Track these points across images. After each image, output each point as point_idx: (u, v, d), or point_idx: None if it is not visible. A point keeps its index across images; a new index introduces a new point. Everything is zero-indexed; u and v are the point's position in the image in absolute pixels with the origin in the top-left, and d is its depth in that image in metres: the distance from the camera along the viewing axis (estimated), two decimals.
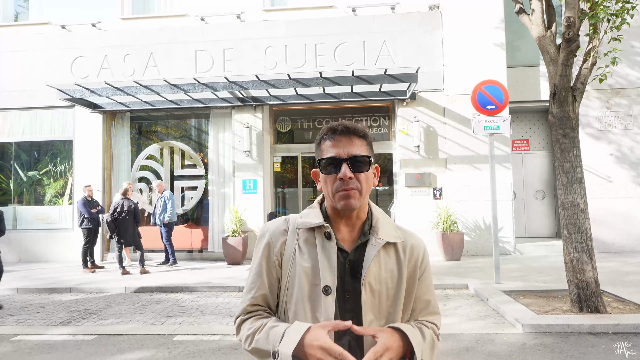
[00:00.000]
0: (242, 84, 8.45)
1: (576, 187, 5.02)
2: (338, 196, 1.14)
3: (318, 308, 1.12)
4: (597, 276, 4.92)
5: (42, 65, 10.09)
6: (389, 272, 1.19)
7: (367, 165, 1.17)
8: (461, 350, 4.17)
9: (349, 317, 1.13)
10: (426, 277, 1.26)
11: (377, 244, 1.18)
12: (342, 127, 1.19)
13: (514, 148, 10.45)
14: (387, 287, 1.18)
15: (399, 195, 9.55)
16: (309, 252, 1.17)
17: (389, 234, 1.22)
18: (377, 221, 1.23)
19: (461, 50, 9.27)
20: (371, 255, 1.16)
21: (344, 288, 1.15)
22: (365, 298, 1.14)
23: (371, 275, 1.15)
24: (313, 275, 1.14)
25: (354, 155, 1.15)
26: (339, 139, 1.17)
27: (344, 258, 1.17)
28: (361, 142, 1.19)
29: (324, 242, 1.16)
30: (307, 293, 1.13)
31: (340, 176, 1.12)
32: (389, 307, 1.17)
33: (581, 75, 5.18)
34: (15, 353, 4.40)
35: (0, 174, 10.69)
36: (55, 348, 4.52)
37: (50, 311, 6.02)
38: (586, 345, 4.17)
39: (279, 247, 1.20)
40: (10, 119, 10.38)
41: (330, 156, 1.15)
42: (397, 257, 1.21)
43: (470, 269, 7.74)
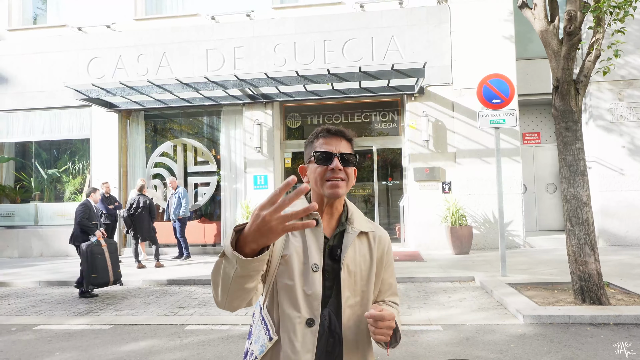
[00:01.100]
0: (252, 81, 8.62)
1: (579, 179, 5.04)
2: (328, 184, 1.32)
3: (307, 283, 1.28)
4: (599, 268, 4.95)
5: (61, 66, 10.44)
6: (363, 256, 1.38)
7: (353, 163, 1.37)
8: (461, 339, 4.28)
9: (329, 294, 1.32)
10: (390, 263, 1.47)
11: (354, 232, 1.37)
12: (335, 129, 1.39)
13: (525, 141, 10.40)
14: (361, 269, 1.37)
15: (408, 190, 9.63)
16: (300, 234, 1.34)
17: (363, 225, 1.41)
18: (352, 214, 1.42)
19: (470, 43, 9.26)
20: (349, 241, 1.35)
21: (323, 268, 1.33)
22: (344, 277, 1.32)
23: (349, 259, 1.34)
24: (303, 254, 1.32)
25: (344, 152, 1.35)
26: (332, 138, 1.37)
27: (325, 243, 1.35)
28: (348, 144, 1.39)
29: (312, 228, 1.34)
30: (298, 269, 1.30)
31: (332, 167, 1.31)
32: (363, 286, 1.36)
33: (584, 68, 5.19)
34: (37, 341, 4.68)
35: (22, 172, 11.13)
36: (74, 336, 4.78)
37: (70, 302, 6.32)
38: (585, 336, 4.23)
39: None
40: (31, 119, 10.78)
41: (325, 150, 1.34)
42: (369, 244, 1.41)
43: (478, 262, 7.80)
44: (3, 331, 5.03)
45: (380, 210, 10.17)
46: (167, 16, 10.46)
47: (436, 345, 4.14)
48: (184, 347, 4.34)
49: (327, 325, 1.30)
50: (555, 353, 3.86)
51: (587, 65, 5.19)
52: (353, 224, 1.39)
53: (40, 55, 10.58)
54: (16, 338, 4.77)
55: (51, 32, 10.78)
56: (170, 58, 10.06)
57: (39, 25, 11.13)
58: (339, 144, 1.36)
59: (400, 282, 6.78)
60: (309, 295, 1.27)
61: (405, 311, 5.32)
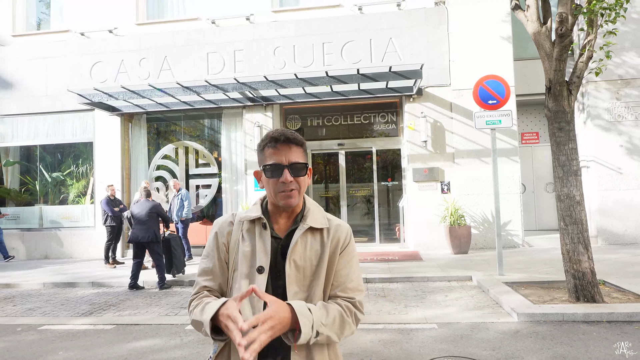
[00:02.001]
0: (252, 84, 8.74)
1: (572, 179, 5.11)
2: (280, 196, 1.35)
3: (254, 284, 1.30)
4: (593, 266, 5.02)
5: (64, 71, 10.60)
6: (314, 251, 1.39)
7: (304, 170, 1.38)
8: (455, 337, 4.36)
9: (281, 292, 1.34)
10: (346, 253, 1.42)
11: (302, 228, 1.39)
12: (283, 137, 1.36)
13: (524, 141, 10.46)
14: (311, 264, 1.38)
15: (407, 190, 9.71)
16: (250, 239, 1.40)
17: (317, 221, 1.42)
18: (308, 211, 1.43)
19: (467, 44, 9.34)
20: (296, 237, 1.37)
21: (276, 268, 1.36)
22: (290, 273, 1.34)
23: (296, 254, 1.36)
24: (252, 258, 1.37)
25: (294, 162, 1.35)
26: (280, 148, 1.35)
27: (278, 243, 1.39)
28: (299, 149, 1.37)
29: (261, 231, 1.40)
30: (246, 272, 1.36)
31: (282, 180, 1.33)
32: (312, 281, 1.37)
33: (577, 69, 5.26)
34: (41, 341, 4.79)
35: (27, 176, 11.30)
36: (77, 336, 4.89)
37: (74, 303, 6.44)
38: (578, 333, 4.30)
39: (226, 236, 1.43)
40: (35, 123, 10.94)
41: (273, 162, 1.34)
42: (321, 239, 1.41)
43: (476, 261, 7.86)
44: (9, 331, 5.15)
45: (380, 210, 10.25)
46: (168, 20, 10.59)
47: (430, 343, 4.22)
48: (184, 345, 4.45)
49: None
50: (547, 350, 3.93)
51: (579, 66, 5.26)
52: (306, 221, 1.40)
53: (44, 60, 10.74)
54: (21, 338, 4.89)
55: (54, 37, 10.94)
56: (171, 62, 10.19)
57: (42, 31, 11.29)
58: (288, 152, 1.35)
59: (399, 282, 6.86)
60: (254, 298, 1.32)
61: (402, 310, 5.40)
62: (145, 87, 9.19)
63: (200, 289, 1.41)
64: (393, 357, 3.94)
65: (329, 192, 10.67)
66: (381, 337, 4.45)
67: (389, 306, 5.60)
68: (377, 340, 4.38)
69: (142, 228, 7.05)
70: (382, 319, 5.08)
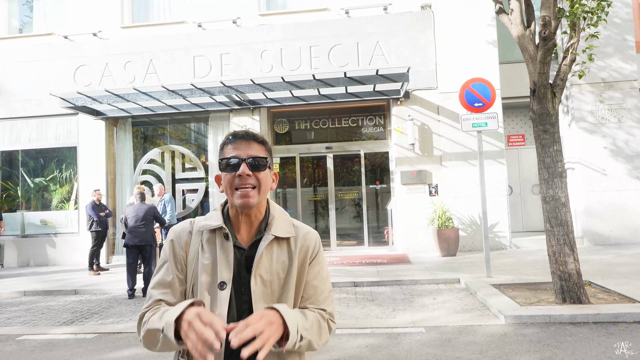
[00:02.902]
0: (238, 87, 8.67)
1: (557, 181, 5.14)
2: (237, 194, 1.24)
3: (215, 302, 1.22)
4: (579, 268, 5.04)
5: (47, 74, 10.41)
6: (281, 263, 1.29)
7: (265, 166, 1.28)
8: (443, 341, 4.33)
9: (246, 308, 1.24)
10: (316, 264, 1.34)
11: (267, 239, 1.28)
12: (243, 132, 1.30)
13: (510, 143, 10.54)
14: (279, 277, 1.28)
15: (395, 193, 9.70)
16: (210, 251, 1.27)
17: (282, 229, 1.31)
18: (273, 219, 1.33)
19: (454, 48, 9.40)
20: (261, 249, 1.26)
21: (240, 282, 1.25)
22: (255, 288, 1.24)
23: (262, 268, 1.26)
24: (212, 272, 1.25)
25: (253, 156, 1.26)
26: (239, 143, 1.27)
27: (241, 255, 1.28)
28: (260, 147, 1.30)
29: (222, 242, 1.27)
30: (207, 288, 1.24)
31: (239, 173, 1.23)
32: (280, 296, 1.27)
33: (561, 72, 5.30)
34: (20, 352, 4.65)
35: (8, 181, 11.05)
36: (57, 346, 4.75)
37: (55, 312, 6.27)
38: (564, 335, 4.30)
39: (184, 247, 1.30)
40: (17, 127, 10.72)
41: (231, 156, 1.26)
42: (289, 249, 1.31)
43: (464, 264, 7.87)
44: None
45: (368, 214, 10.23)
46: (154, 24, 10.49)
47: (418, 347, 4.19)
48: (168, 355, 4.34)
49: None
50: (534, 352, 3.92)
51: (563, 69, 5.30)
52: (271, 229, 1.30)
53: (27, 64, 10.54)
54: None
55: (38, 40, 10.75)
56: (157, 65, 10.07)
57: (25, 34, 11.09)
58: (248, 148, 1.27)
59: (387, 286, 6.83)
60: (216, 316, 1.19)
61: (390, 314, 5.37)
62: (130, 90, 9.06)
63: (154, 302, 1.27)
64: None
65: (317, 196, 10.63)
66: (368, 342, 4.40)
67: (377, 310, 5.56)
68: (365, 345, 4.33)
69: (140, 232, 6.91)
70: (369, 323, 5.04)
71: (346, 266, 8.19)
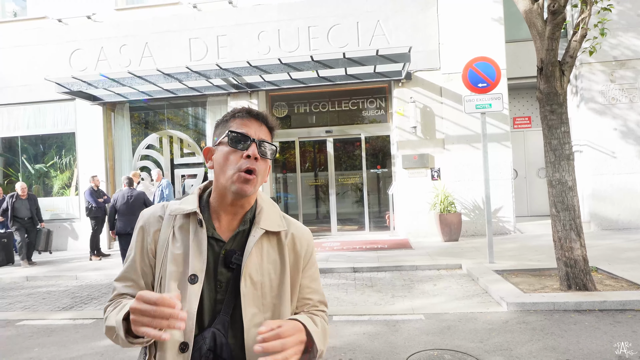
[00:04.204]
0: (234, 70, 8.45)
1: (564, 164, 4.92)
2: (237, 177, 1.08)
3: (184, 297, 1.06)
4: (585, 254, 4.86)
5: (42, 59, 10.23)
6: (272, 262, 1.15)
7: (272, 154, 1.16)
8: (442, 329, 4.20)
9: (220, 308, 1.10)
10: (311, 265, 1.23)
11: (257, 234, 1.14)
12: (256, 111, 1.16)
13: (516, 126, 10.26)
14: (270, 278, 1.14)
15: (397, 177, 9.51)
16: (182, 240, 1.13)
17: (273, 222, 1.18)
18: (261, 210, 1.19)
19: (458, 27, 9.06)
20: (250, 246, 1.12)
21: (215, 278, 1.11)
22: (246, 291, 1.09)
23: (252, 267, 1.11)
24: (183, 263, 1.10)
25: (264, 140, 1.13)
26: (251, 121, 1.14)
27: (219, 247, 1.13)
28: (268, 133, 1.17)
29: (197, 229, 1.13)
30: (175, 281, 1.09)
31: (249, 153, 1.08)
32: (273, 299, 1.13)
33: (570, 48, 5.03)
34: (18, 337, 4.61)
35: (10, 168, 10.99)
36: (55, 332, 4.71)
37: (56, 297, 6.25)
38: (569, 323, 4.15)
39: (153, 235, 1.15)
40: (15, 114, 10.59)
41: (243, 132, 1.11)
42: (279, 246, 1.18)
43: (467, 249, 7.71)
44: None
45: (369, 198, 10.06)
46: (149, 5, 10.21)
47: (417, 335, 4.06)
48: None
49: (210, 348, 1.05)
50: (537, 341, 3.77)
51: (572, 45, 5.03)
52: (259, 223, 1.15)
53: (21, 48, 10.35)
54: None
55: (31, 24, 10.53)
56: (152, 49, 9.84)
57: (19, 18, 10.87)
58: (259, 129, 1.13)
59: (387, 271, 6.70)
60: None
61: (389, 300, 5.24)
62: (124, 74, 8.86)
63: (117, 296, 1.15)
64: (377, 350, 3.77)
65: (318, 181, 10.45)
66: (366, 329, 4.28)
67: (376, 296, 5.43)
68: (362, 332, 4.21)
69: (129, 218, 6.81)
70: (368, 310, 4.92)
71: (346, 251, 8.06)
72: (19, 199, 8.55)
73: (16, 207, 8.50)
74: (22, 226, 8.55)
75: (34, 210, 8.73)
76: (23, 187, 8.64)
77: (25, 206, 8.60)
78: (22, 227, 8.54)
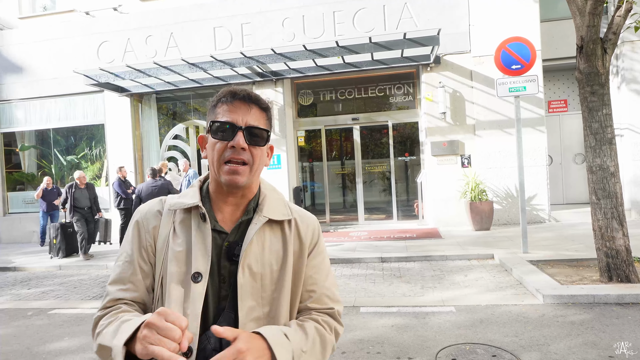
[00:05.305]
0: (259, 58, 8.36)
1: (606, 149, 4.63)
2: (225, 169, 1.02)
3: (187, 297, 0.99)
4: (628, 243, 4.58)
5: (71, 52, 10.43)
6: (274, 252, 1.07)
7: (264, 140, 1.06)
8: (474, 322, 4.05)
9: (224, 305, 1.02)
10: (317, 254, 1.14)
11: (259, 222, 1.06)
12: (243, 92, 1.05)
13: (551, 110, 9.80)
14: (272, 269, 1.06)
15: (425, 165, 9.28)
16: (184, 236, 1.05)
17: (277, 211, 1.10)
18: (265, 198, 1.11)
19: (489, 6, 8.66)
20: (251, 234, 1.04)
21: (219, 273, 1.03)
22: (243, 282, 1.01)
23: (251, 257, 1.03)
24: (186, 260, 1.03)
25: (253, 126, 1.03)
26: (237, 105, 1.04)
27: (222, 240, 1.05)
28: (261, 114, 1.06)
29: (199, 223, 1.05)
30: (178, 281, 1.01)
31: (233, 144, 1.00)
32: (273, 292, 1.05)
33: (613, 24, 4.69)
34: (49, 326, 4.73)
35: (43, 160, 11.34)
36: (84, 320, 4.81)
37: (86, 286, 6.41)
38: (611, 317, 3.92)
39: (151, 231, 1.07)
40: (47, 107, 10.89)
41: (226, 120, 1.02)
42: (283, 235, 1.10)
43: (499, 238, 7.46)
44: (19, 316, 5.12)
45: (397, 187, 9.87)
46: None
47: (447, 328, 3.92)
48: None
49: (215, 349, 0.97)
50: (576, 336, 3.58)
51: (616, 21, 4.68)
52: (262, 211, 1.07)
53: (51, 42, 10.59)
54: (30, 323, 4.84)
55: (60, 17, 10.75)
56: (177, 38, 9.87)
57: (48, 12, 11.10)
58: (247, 113, 1.03)
59: (416, 261, 6.56)
60: (188, 314, 0.98)
61: (418, 291, 5.11)
62: (150, 65, 8.92)
63: (111, 302, 1.03)
64: (406, 343, 3.67)
65: (344, 169, 10.33)
66: (395, 322, 4.18)
67: (405, 287, 5.31)
68: (390, 324, 4.11)
69: None
70: (396, 301, 4.81)
71: (373, 241, 7.94)
72: (78, 188, 8.26)
73: (76, 197, 8.21)
74: (83, 216, 8.29)
75: (92, 200, 8.49)
76: (82, 176, 8.36)
77: (85, 196, 8.33)
78: (82, 217, 8.27)
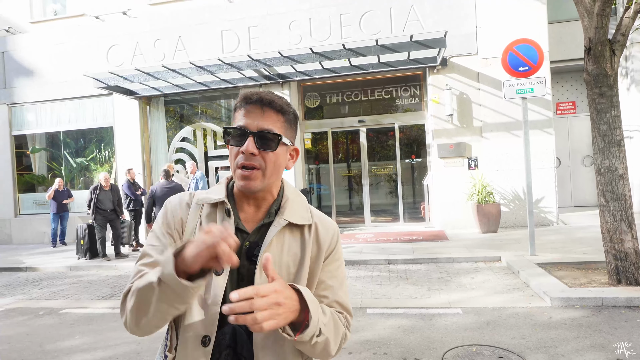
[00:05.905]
0: (266, 61, 8.42)
1: (614, 150, 4.60)
2: (238, 174, 1.05)
3: (209, 288, 1.03)
4: (637, 246, 4.55)
5: (81, 56, 10.57)
6: (292, 255, 1.09)
7: (275, 144, 1.05)
8: (481, 324, 4.04)
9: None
10: (333, 260, 1.14)
11: (279, 224, 1.08)
12: (256, 96, 1.06)
13: (559, 111, 9.76)
14: (289, 271, 1.08)
15: (432, 167, 9.27)
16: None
17: (298, 215, 1.12)
18: (287, 201, 1.13)
19: (496, 8, 8.65)
20: (270, 236, 1.07)
21: (238, 271, 1.06)
22: (260, 282, 1.03)
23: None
24: None
25: (263, 130, 1.04)
26: (251, 110, 1.05)
27: (243, 239, 1.08)
28: (277, 117, 1.07)
29: (224, 218, 1.09)
30: None
31: (243, 150, 1.03)
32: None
33: (622, 25, 4.67)
34: (60, 325, 4.80)
35: (53, 162, 11.49)
36: (95, 320, 4.88)
37: (97, 286, 6.48)
38: (619, 320, 3.90)
39: (179, 222, 1.11)
40: (57, 109, 11.03)
41: (238, 125, 1.05)
42: (302, 239, 1.11)
43: (506, 241, 7.43)
44: (31, 314, 5.20)
45: (404, 189, 9.86)
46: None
47: (454, 330, 3.92)
48: None
49: (229, 345, 1.02)
50: (584, 339, 3.57)
51: (625, 22, 4.67)
52: (283, 214, 1.10)
53: (61, 46, 10.73)
54: (42, 322, 4.91)
55: (71, 22, 10.90)
56: (185, 42, 9.97)
57: (59, 16, 11.26)
58: (260, 117, 1.04)
59: (422, 263, 6.55)
60: (209, 305, 1.02)
61: (425, 293, 5.11)
62: (158, 68, 9.01)
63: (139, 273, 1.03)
64: (413, 345, 3.67)
65: (351, 171, 10.34)
66: (401, 323, 4.18)
67: (411, 289, 5.31)
68: (397, 326, 4.11)
69: None
70: (403, 303, 4.81)
71: (380, 243, 7.94)
72: (102, 190, 8.22)
73: (100, 199, 8.17)
74: (105, 219, 8.22)
75: (116, 202, 8.42)
76: (106, 178, 8.29)
77: (109, 197, 8.29)
78: (104, 220, 8.21)
